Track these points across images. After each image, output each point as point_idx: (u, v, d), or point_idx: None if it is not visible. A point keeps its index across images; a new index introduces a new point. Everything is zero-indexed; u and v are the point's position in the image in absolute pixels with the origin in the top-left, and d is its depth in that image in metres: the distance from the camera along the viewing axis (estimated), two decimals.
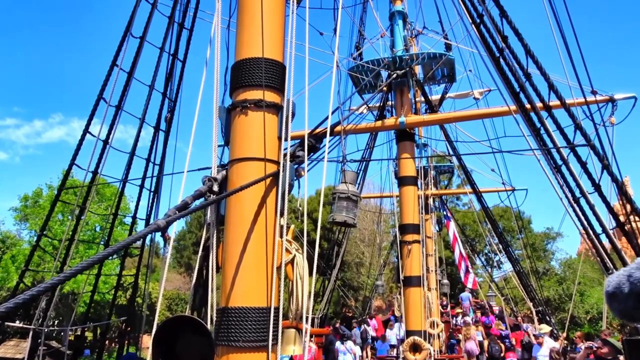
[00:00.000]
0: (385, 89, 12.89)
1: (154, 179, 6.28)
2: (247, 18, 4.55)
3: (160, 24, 6.14)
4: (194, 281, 4.44)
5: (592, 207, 5.44)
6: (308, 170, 4.68)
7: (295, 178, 4.55)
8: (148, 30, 5.72)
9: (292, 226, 4.64)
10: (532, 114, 5.92)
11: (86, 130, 5.55)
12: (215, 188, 4.10)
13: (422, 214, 13.76)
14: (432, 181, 21.82)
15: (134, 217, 6.84)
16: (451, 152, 18.96)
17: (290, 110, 4.39)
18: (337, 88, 5.68)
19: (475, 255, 36.49)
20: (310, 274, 4.34)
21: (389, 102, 13.95)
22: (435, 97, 16.21)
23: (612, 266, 6.25)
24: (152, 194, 6.62)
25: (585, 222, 5.92)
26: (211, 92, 4.82)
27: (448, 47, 13.62)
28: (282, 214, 4.20)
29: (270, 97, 4.35)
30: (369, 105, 14.20)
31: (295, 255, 4.29)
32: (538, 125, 5.78)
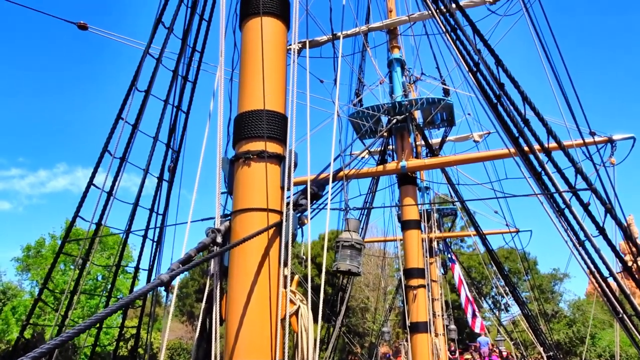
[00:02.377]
0: (385, 134, 13.05)
1: (157, 230, 6.29)
2: (249, 71, 4.67)
3: (165, 77, 6.29)
4: (197, 334, 4.37)
5: (597, 251, 5.41)
6: (311, 219, 4.70)
7: (298, 227, 4.56)
8: (153, 84, 5.86)
9: (297, 276, 4.60)
10: (532, 157, 5.97)
11: (90, 183, 5.61)
12: (219, 240, 4.10)
13: (426, 257, 13.66)
14: (436, 224, 21.74)
15: (137, 268, 6.80)
16: (453, 195, 18.98)
17: (292, 160, 4.44)
18: (338, 136, 5.76)
19: (482, 298, 35.91)
20: (315, 321, 4.29)
21: (390, 146, 14.10)
22: (435, 141, 16.38)
23: (621, 310, 6.15)
24: (154, 244, 6.60)
25: (591, 266, 5.87)
26: (214, 143, 4.90)
27: (446, 92, 13.86)
28: (285, 264, 4.18)
29: (273, 147, 4.42)
30: (370, 150, 14.34)
31: (299, 307, 4.24)
32: (539, 169, 5.82)
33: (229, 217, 4.50)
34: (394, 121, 12.68)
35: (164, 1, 6.04)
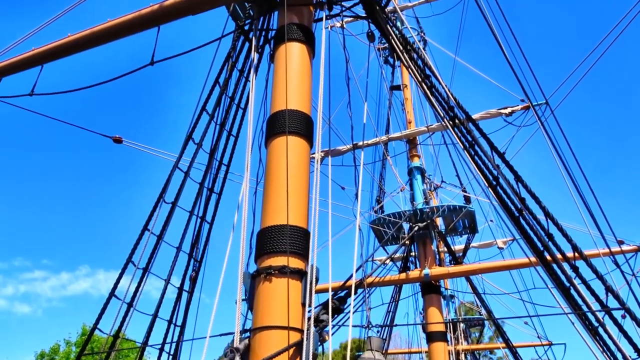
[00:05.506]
0: (407, 241, 12.96)
1: (174, 343, 6.14)
2: (273, 187, 4.82)
3: (191, 188, 6.51)
4: None
5: None
6: (332, 334, 4.56)
7: (319, 344, 4.42)
8: (180, 196, 6.05)
9: None
10: (559, 271, 5.82)
11: (112, 294, 5.62)
12: (237, 359, 3.98)
13: None
14: (462, 335, 20.75)
15: None
16: (479, 305, 18.31)
17: (314, 276, 4.41)
18: (359, 248, 5.76)
19: None
20: None
21: (412, 253, 13.94)
22: (458, 247, 16.14)
23: None
24: (171, 357, 6.42)
25: None
26: (236, 255, 4.94)
27: (467, 200, 13.91)
28: None
29: (295, 263, 4.42)
30: (393, 257, 14.18)
31: None
32: (567, 284, 5.64)
33: (249, 334, 4.41)
34: (416, 228, 12.66)
35: (195, 119, 6.42)
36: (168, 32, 6.77)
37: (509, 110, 12.40)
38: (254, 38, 6.26)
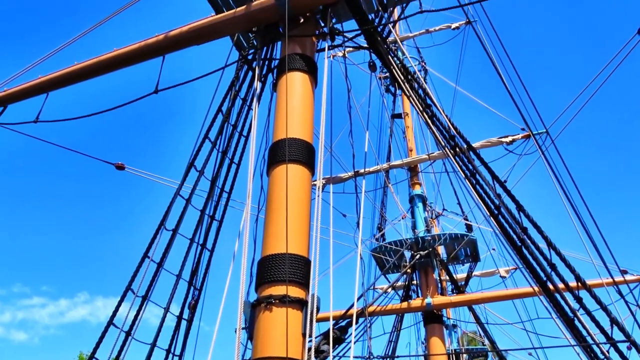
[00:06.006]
0: (409, 270, 12.88)
1: None
2: (273, 216, 4.81)
3: (192, 215, 6.51)
4: None
5: None
6: None
7: None
8: (181, 223, 6.04)
9: None
10: (563, 302, 5.76)
11: (110, 322, 5.55)
12: None
13: None
14: None
15: None
16: (482, 334, 18.04)
17: (315, 306, 4.38)
18: (361, 277, 5.71)
19: None
20: None
21: (414, 282, 13.82)
22: (461, 276, 16.01)
23: None
24: None
25: None
26: (237, 283, 4.90)
27: (469, 228, 13.87)
28: None
29: (295, 292, 4.38)
30: (395, 285, 14.06)
31: None
32: (571, 315, 5.57)
33: None
34: (417, 256, 12.59)
35: (198, 147, 6.45)
36: (172, 61, 6.87)
37: (509, 138, 12.47)
38: (257, 67, 6.35)
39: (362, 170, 10.62)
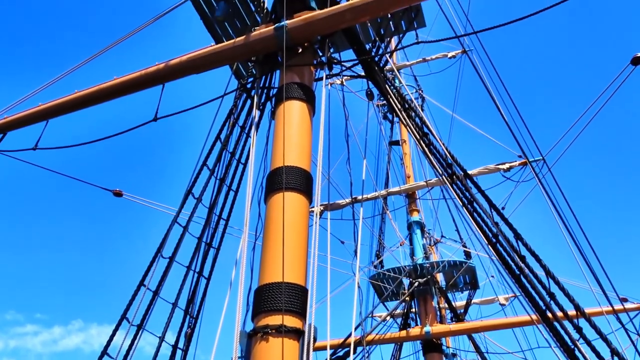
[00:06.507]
0: (407, 297, 12.78)
1: None
2: (270, 244, 4.80)
3: (189, 243, 6.49)
4: None
5: None
6: None
7: None
8: (178, 251, 6.02)
9: None
10: (562, 332, 5.70)
11: (104, 352, 5.48)
12: None
13: None
14: None
15: None
16: None
17: (312, 336, 4.32)
18: (359, 306, 5.67)
19: None
20: None
21: (413, 309, 13.70)
22: (460, 304, 15.88)
23: None
24: None
25: None
26: (234, 312, 4.85)
27: (468, 255, 13.82)
28: None
29: (291, 322, 4.34)
30: (393, 313, 13.92)
31: None
32: (571, 345, 5.51)
33: None
34: (416, 284, 12.51)
35: (196, 174, 6.47)
36: (171, 88, 6.94)
37: (506, 165, 12.53)
38: (255, 96, 6.42)
39: (360, 197, 10.62)
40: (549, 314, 5.64)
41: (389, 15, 6.79)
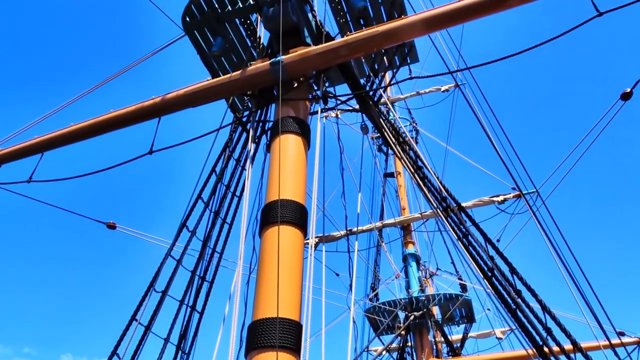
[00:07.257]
0: (403, 331, 12.62)
1: None
2: (264, 279, 4.76)
3: (182, 276, 6.43)
4: None
5: None
6: None
7: None
8: (171, 285, 5.95)
9: None
10: None
11: None
12: None
13: None
14: None
15: None
16: None
17: None
18: (354, 342, 5.59)
19: None
20: None
21: (409, 343, 13.51)
22: (456, 337, 15.68)
23: None
24: None
25: None
26: (227, 348, 4.78)
27: (463, 287, 13.73)
28: None
29: (285, 358, 4.27)
30: (389, 348, 13.72)
31: None
32: None
33: None
34: (412, 318, 12.38)
35: (190, 207, 6.45)
36: (167, 121, 6.99)
37: (501, 198, 12.59)
38: (251, 129, 6.48)
39: (355, 229, 10.60)
40: (546, 349, 5.58)
41: (383, 51, 6.93)
